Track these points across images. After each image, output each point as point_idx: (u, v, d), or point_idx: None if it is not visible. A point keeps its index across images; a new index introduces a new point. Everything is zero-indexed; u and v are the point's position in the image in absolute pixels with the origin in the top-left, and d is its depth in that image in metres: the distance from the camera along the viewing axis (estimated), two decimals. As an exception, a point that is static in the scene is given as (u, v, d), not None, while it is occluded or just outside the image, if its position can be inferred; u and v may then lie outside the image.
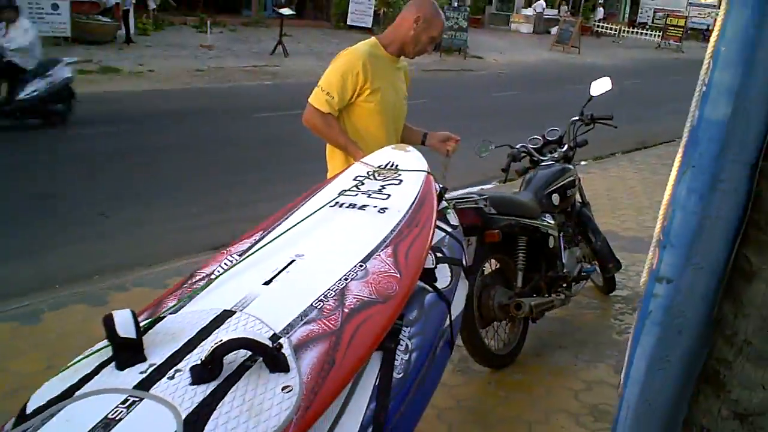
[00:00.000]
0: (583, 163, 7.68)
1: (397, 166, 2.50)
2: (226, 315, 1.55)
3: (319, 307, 1.61)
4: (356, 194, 2.30)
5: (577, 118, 3.93)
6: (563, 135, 3.96)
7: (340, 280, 1.74)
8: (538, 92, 14.47)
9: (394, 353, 1.64)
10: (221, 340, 1.31)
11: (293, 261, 1.85)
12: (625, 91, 11.63)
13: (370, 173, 2.46)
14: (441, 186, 2.50)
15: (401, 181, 2.39)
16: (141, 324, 1.47)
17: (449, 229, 2.40)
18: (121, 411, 1.22)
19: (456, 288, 2.14)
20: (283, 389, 1.29)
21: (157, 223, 5.58)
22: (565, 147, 3.89)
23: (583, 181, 4.20)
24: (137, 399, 1.25)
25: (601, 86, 3.90)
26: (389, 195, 2.28)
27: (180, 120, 9.55)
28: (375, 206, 2.20)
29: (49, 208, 5.78)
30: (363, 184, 2.37)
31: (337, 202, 2.24)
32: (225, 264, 1.89)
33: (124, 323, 1.38)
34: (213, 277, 1.81)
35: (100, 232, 5.36)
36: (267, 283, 1.74)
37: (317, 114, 2.84)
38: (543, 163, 3.81)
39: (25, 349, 3.36)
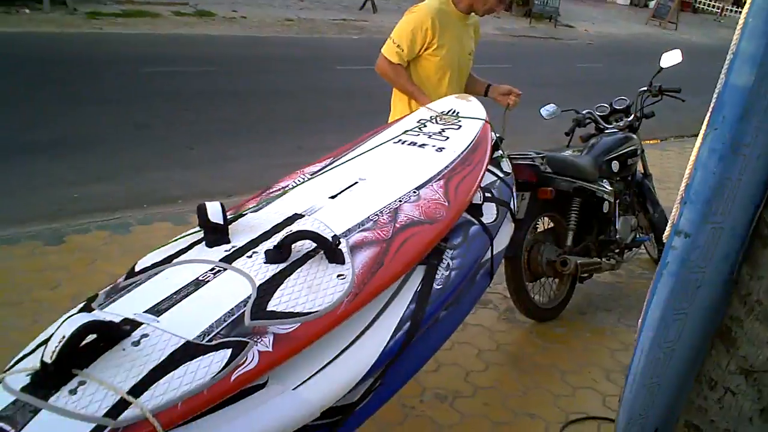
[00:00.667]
0: (657, 142, 7.57)
1: (458, 113, 2.70)
2: (296, 217, 1.85)
3: (374, 219, 1.87)
4: (418, 134, 2.54)
5: (645, 88, 3.97)
6: (631, 105, 4.01)
7: (395, 201, 2.00)
8: (625, 66, 14.03)
9: (436, 269, 1.87)
10: (292, 231, 1.59)
11: (356, 183, 2.13)
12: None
13: (432, 118, 2.68)
14: (498, 135, 2.69)
15: (460, 126, 2.59)
16: (228, 216, 1.78)
17: (501, 175, 2.59)
18: (209, 276, 1.52)
19: (500, 226, 2.34)
20: (338, 276, 1.56)
21: (237, 159, 5.96)
22: (632, 117, 3.95)
23: (660, 157, 4.24)
24: (222, 269, 1.55)
25: (671, 58, 3.91)
26: (448, 137, 2.50)
27: (267, 66, 9.92)
28: (434, 146, 2.43)
29: (143, 137, 6.25)
30: (425, 126, 2.60)
31: (400, 140, 2.49)
32: (298, 180, 2.19)
33: (214, 211, 1.69)
34: (287, 189, 2.11)
35: (186, 162, 5.78)
36: (332, 197, 2.02)
37: (388, 64, 3.08)
38: (607, 131, 3.89)
39: (115, 255, 3.80)
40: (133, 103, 7.21)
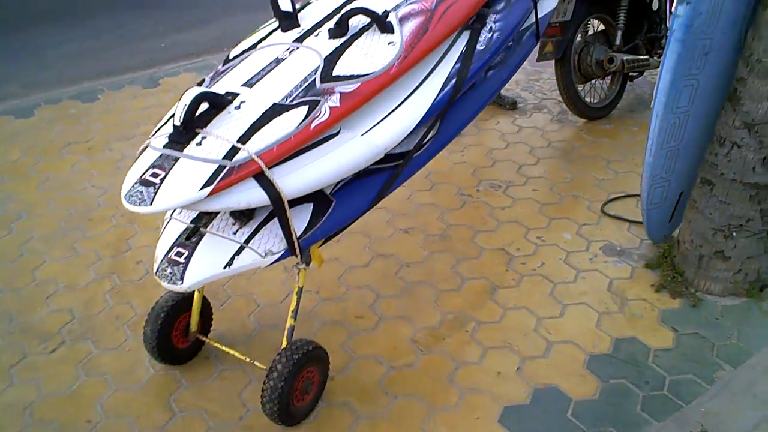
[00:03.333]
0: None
1: None
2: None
3: None
4: None
5: None
6: None
7: None
8: None
9: (479, 32, 2.18)
10: (346, 9, 1.94)
11: None
12: None
13: None
14: None
15: None
16: (297, 6, 2.13)
17: None
18: (286, 54, 1.91)
19: None
20: (389, 44, 1.91)
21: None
22: None
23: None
24: (295, 47, 1.93)
25: None
26: None
27: None
28: None
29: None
30: None
31: None
32: None
33: (284, 1, 2.03)
34: None
35: (259, 6, 6.08)
36: None
37: None
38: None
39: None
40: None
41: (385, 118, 1.83)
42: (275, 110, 1.69)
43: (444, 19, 2.02)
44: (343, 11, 1.97)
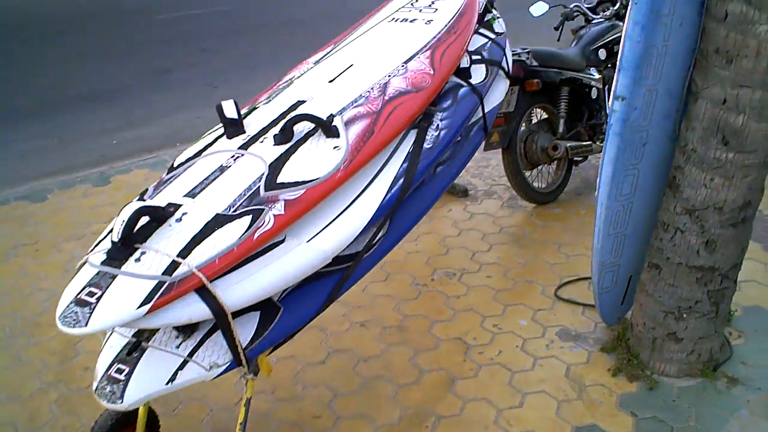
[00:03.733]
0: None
1: None
2: (299, 103, 2.22)
3: (366, 95, 2.21)
4: (410, 10, 2.88)
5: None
6: (616, -7, 4.20)
7: (384, 77, 2.34)
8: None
9: (426, 131, 2.22)
10: (291, 116, 1.97)
11: (351, 65, 2.47)
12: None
13: None
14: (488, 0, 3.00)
15: None
16: (243, 111, 2.17)
17: (492, 36, 2.91)
18: (231, 162, 1.91)
19: (491, 84, 2.67)
20: (334, 148, 1.93)
21: (258, 91, 6.29)
22: (617, 5, 4.15)
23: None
24: (240, 154, 1.94)
25: (538, 9, 4.01)
26: (437, 9, 2.83)
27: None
28: (423, 19, 2.77)
29: (167, 82, 6.64)
30: (417, 1, 2.94)
31: (393, 18, 2.85)
32: (303, 69, 2.57)
33: (229, 108, 2.06)
34: (293, 78, 2.48)
35: (211, 100, 6.12)
36: (331, 81, 2.38)
37: None
38: (594, 21, 4.11)
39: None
40: (153, 50, 7.57)
41: (331, 222, 1.83)
42: (218, 221, 1.67)
43: (390, 121, 2.07)
44: (287, 117, 2.00)
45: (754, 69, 1.93)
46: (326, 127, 1.98)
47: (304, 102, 2.22)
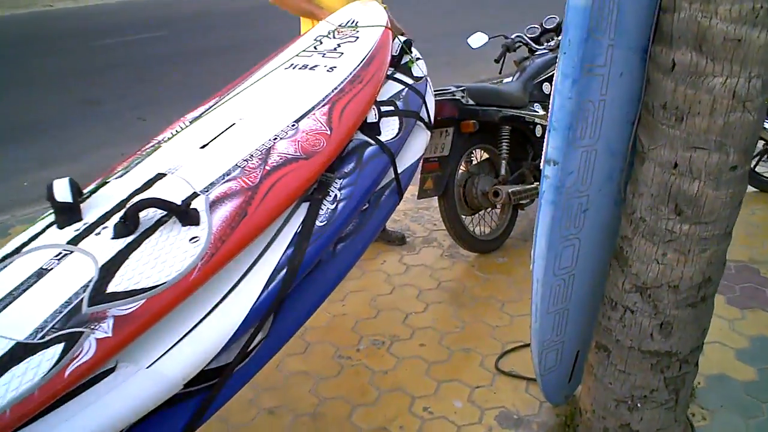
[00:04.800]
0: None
1: (357, 23, 2.62)
2: (158, 177, 1.76)
3: (242, 166, 1.79)
4: (311, 55, 2.46)
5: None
6: (561, 23, 3.89)
7: (269, 140, 1.92)
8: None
9: (320, 204, 1.81)
10: (134, 201, 1.54)
11: (233, 125, 2.04)
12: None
13: (330, 32, 2.60)
14: (406, 39, 2.61)
15: (357, 38, 2.51)
16: (89, 188, 1.72)
17: (410, 82, 2.51)
18: (54, 263, 1.47)
19: (405, 140, 2.26)
20: (191, 240, 1.50)
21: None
22: (562, 35, 3.83)
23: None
24: (68, 252, 1.50)
25: (477, 40, 3.73)
26: (342, 53, 2.43)
27: (223, 22, 9.69)
28: (326, 65, 2.35)
29: (93, 114, 6.17)
30: (321, 43, 2.53)
31: (291, 64, 2.41)
32: (177, 129, 2.11)
33: (61, 190, 1.61)
34: (162, 141, 2.03)
35: (139, 134, 5.69)
36: (203, 147, 1.94)
37: None
38: (538, 53, 3.80)
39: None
40: (83, 79, 7.10)
41: (182, 339, 1.41)
42: (15, 354, 1.24)
43: (269, 198, 1.66)
44: (131, 201, 1.58)
45: (708, 128, 1.60)
46: (181, 213, 1.56)
47: (164, 176, 1.78)
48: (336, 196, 1.86)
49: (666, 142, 1.69)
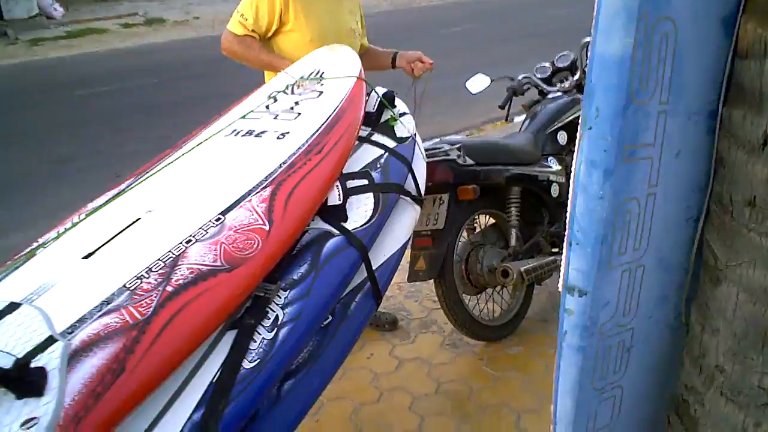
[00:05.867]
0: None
1: (322, 74, 2.08)
2: (10, 308, 1.22)
3: (133, 287, 1.24)
4: (261, 117, 1.93)
5: (588, 39, 3.27)
6: (575, 60, 3.31)
7: (181, 243, 1.36)
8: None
9: (252, 332, 1.27)
10: None
11: (138, 219, 1.50)
12: None
13: (289, 86, 2.05)
14: (386, 91, 2.06)
15: (321, 93, 1.97)
16: None
17: (391, 145, 1.95)
18: None
19: (382, 222, 1.70)
20: (24, 424, 0.96)
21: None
22: (578, 74, 3.25)
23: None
24: None
25: (478, 84, 3.19)
26: (299, 114, 1.89)
27: (213, 68, 9.22)
28: (276, 131, 1.81)
29: (66, 172, 5.69)
30: (276, 101, 2.00)
31: (234, 130, 1.88)
32: (66, 227, 1.56)
33: None
34: (42, 246, 1.50)
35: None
36: (88, 256, 1.39)
37: (233, 37, 2.54)
38: (550, 95, 3.21)
39: None
40: (59, 133, 6.65)
41: None
42: None
43: (165, 339, 1.12)
44: None
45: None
46: (16, 382, 1.00)
47: (18, 306, 1.21)
48: (277, 318, 1.31)
49: (755, 256, 1.08)
